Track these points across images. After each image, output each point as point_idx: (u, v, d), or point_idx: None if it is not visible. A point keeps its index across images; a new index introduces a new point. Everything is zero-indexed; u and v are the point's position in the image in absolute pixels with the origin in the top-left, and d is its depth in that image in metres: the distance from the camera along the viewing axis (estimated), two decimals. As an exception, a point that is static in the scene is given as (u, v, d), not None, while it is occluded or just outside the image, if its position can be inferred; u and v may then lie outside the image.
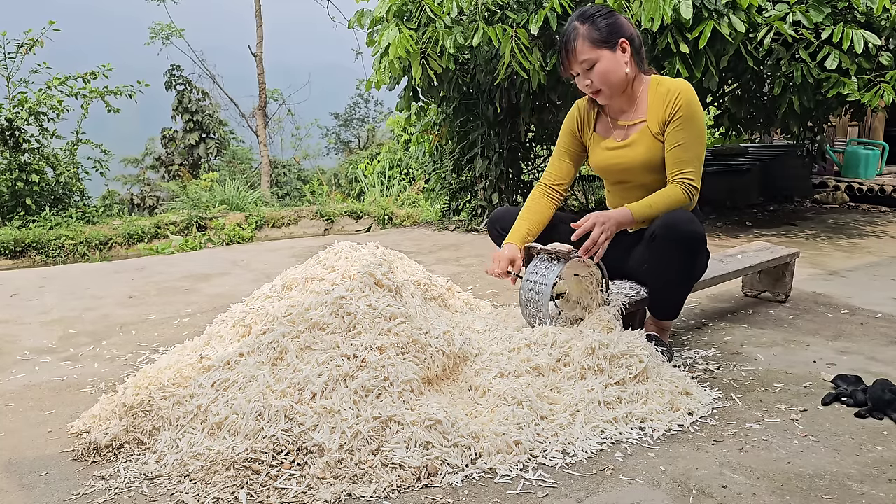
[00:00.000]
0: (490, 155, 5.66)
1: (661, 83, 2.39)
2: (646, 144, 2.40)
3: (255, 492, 1.63)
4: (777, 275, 3.22)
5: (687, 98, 2.33)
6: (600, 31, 2.31)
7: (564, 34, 2.35)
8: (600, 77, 2.33)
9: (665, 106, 2.35)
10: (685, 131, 2.33)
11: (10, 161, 8.52)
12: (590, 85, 2.36)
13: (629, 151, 2.43)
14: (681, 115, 2.33)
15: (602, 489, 1.65)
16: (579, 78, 2.38)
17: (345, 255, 2.31)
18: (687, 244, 2.26)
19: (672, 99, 2.34)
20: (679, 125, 2.33)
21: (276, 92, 21.36)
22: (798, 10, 4.29)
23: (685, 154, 2.33)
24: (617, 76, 2.34)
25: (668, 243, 2.25)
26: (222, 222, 8.21)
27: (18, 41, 9.39)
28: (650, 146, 2.39)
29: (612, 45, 2.32)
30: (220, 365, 1.99)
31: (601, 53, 2.31)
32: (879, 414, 2.01)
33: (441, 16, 4.68)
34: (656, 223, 2.28)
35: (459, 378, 2.07)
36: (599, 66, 2.31)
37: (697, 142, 2.34)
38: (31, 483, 1.73)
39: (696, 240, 2.27)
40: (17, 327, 3.12)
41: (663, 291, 2.39)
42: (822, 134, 7.10)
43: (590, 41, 2.30)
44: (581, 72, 2.35)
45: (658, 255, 2.30)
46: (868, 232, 5.27)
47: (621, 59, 2.33)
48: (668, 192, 2.32)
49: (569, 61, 2.35)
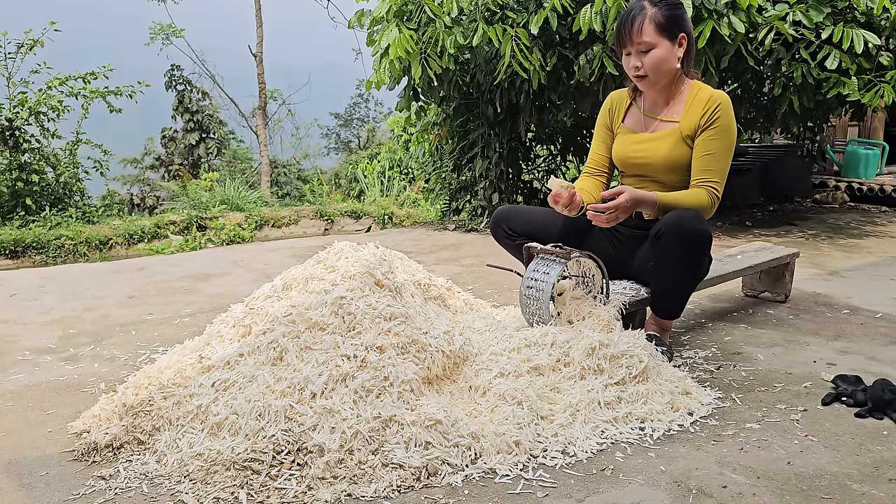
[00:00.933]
0: (490, 155, 5.66)
1: (702, 89, 2.40)
2: (672, 143, 2.39)
3: (255, 492, 1.63)
4: (777, 275, 3.22)
5: (725, 110, 2.34)
6: (667, 19, 2.29)
7: (630, 10, 2.32)
8: (653, 63, 2.31)
9: (703, 113, 2.35)
10: (718, 142, 2.33)
11: (10, 161, 8.53)
12: (639, 68, 2.33)
13: (654, 146, 2.43)
14: (717, 126, 2.33)
15: (602, 489, 1.65)
16: (630, 58, 2.35)
17: (345, 255, 2.31)
18: (693, 242, 2.25)
19: (712, 107, 2.34)
20: (714, 135, 2.33)
21: (275, 92, 21.37)
22: (798, 10, 4.29)
23: (714, 164, 2.34)
24: (668, 67, 2.33)
25: (674, 240, 2.24)
26: (222, 222, 8.21)
27: (19, 41, 9.40)
28: (675, 146, 2.39)
29: (673, 36, 2.31)
30: (220, 365, 1.99)
31: (661, 41, 2.30)
32: (879, 414, 2.01)
33: (441, 16, 4.68)
34: (663, 221, 2.28)
35: (459, 378, 2.07)
36: (656, 52, 2.30)
37: (726, 155, 2.36)
38: (31, 483, 1.73)
39: (703, 238, 2.26)
40: (17, 327, 3.12)
41: (667, 290, 2.39)
42: (822, 134, 7.10)
43: (655, 25, 2.28)
44: (635, 52, 2.33)
45: (664, 252, 2.29)
46: (868, 232, 5.27)
47: (676, 52, 2.33)
48: (695, 193, 2.33)
49: (629, 38, 2.31)
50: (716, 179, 2.34)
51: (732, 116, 2.36)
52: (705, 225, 2.27)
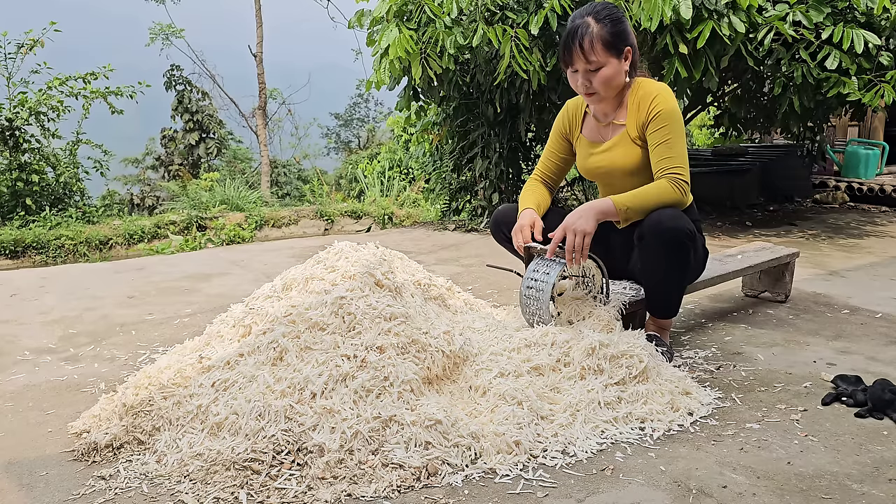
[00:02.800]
0: (490, 155, 5.66)
1: (640, 87, 2.38)
2: (624, 149, 2.41)
3: (255, 492, 1.63)
4: (777, 275, 3.22)
5: (663, 98, 2.32)
6: (613, 36, 2.28)
7: (575, 28, 2.28)
8: (602, 82, 2.30)
9: (642, 110, 2.35)
10: (667, 128, 2.30)
11: (11, 161, 8.53)
12: (588, 86, 2.32)
13: (609, 155, 2.44)
14: (658, 114, 2.30)
15: (602, 489, 1.65)
16: (577, 75, 2.33)
17: (345, 255, 2.31)
18: (674, 240, 2.23)
19: (648, 102, 2.33)
20: (659, 124, 2.30)
21: (275, 92, 21.37)
22: (798, 10, 4.29)
23: (669, 150, 2.29)
24: (617, 83, 2.33)
25: (655, 242, 2.24)
26: (222, 222, 8.21)
27: (19, 41, 9.40)
28: (628, 151, 2.40)
29: (619, 52, 2.30)
30: (220, 365, 1.99)
31: (609, 59, 2.28)
32: (879, 414, 2.01)
33: (441, 16, 4.68)
34: (643, 223, 2.27)
35: (459, 378, 2.07)
36: (605, 70, 2.29)
37: (679, 140, 2.31)
38: (31, 483, 1.73)
39: (683, 235, 2.22)
40: (17, 327, 3.12)
41: (657, 291, 2.39)
42: (822, 134, 7.10)
43: (602, 43, 2.27)
44: (583, 71, 2.31)
45: (647, 254, 2.30)
46: (868, 232, 5.27)
47: (623, 67, 2.32)
48: (655, 185, 2.28)
49: (576, 57, 2.29)
50: (676, 164, 2.28)
51: (674, 103, 2.33)
52: (685, 222, 2.24)
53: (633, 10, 4.13)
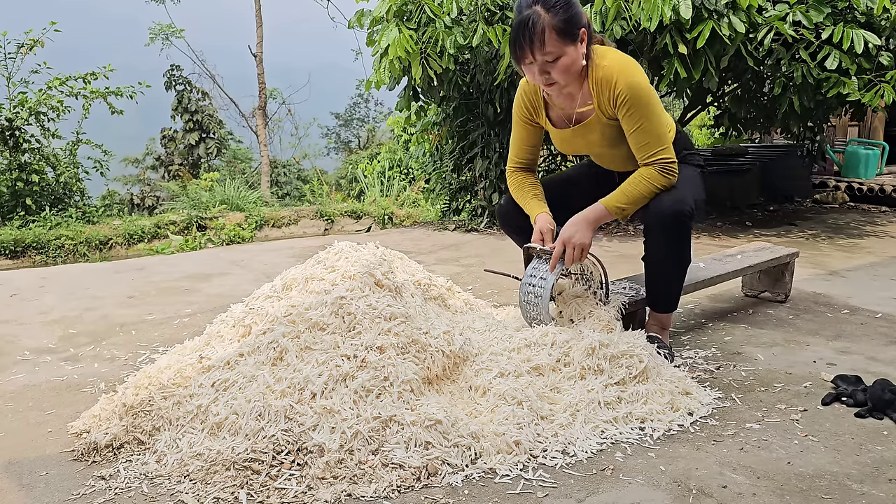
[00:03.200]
0: (490, 155, 5.66)
1: (597, 67, 2.23)
2: (600, 128, 2.32)
3: (255, 492, 1.63)
4: (777, 275, 3.22)
5: (626, 82, 2.19)
6: (566, 23, 2.13)
7: (525, 20, 2.12)
8: (562, 71, 2.17)
9: (604, 95, 2.24)
10: (635, 113, 2.21)
11: (11, 161, 8.53)
12: (547, 78, 2.19)
13: (587, 135, 2.37)
14: (624, 100, 2.20)
15: (602, 489, 1.65)
16: (533, 67, 2.17)
17: (345, 255, 2.31)
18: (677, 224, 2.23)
19: (610, 88, 2.22)
20: (627, 111, 2.21)
21: (275, 92, 21.37)
22: (798, 10, 4.29)
23: (645, 136, 2.23)
24: (576, 69, 2.20)
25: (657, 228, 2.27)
26: (222, 222, 8.21)
27: (19, 41, 9.40)
28: (605, 128, 2.31)
29: (574, 38, 2.16)
30: (220, 365, 1.99)
31: (565, 48, 2.15)
32: (879, 414, 2.01)
33: (441, 16, 4.68)
34: (647, 215, 2.28)
35: (459, 378, 2.07)
36: (563, 60, 2.15)
37: (651, 119, 2.22)
38: (31, 483, 1.73)
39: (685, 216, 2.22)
40: (17, 327, 3.12)
41: (662, 282, 2.40)
42: (822, 134, 7.10)
43: (557, 33, 2.12)
44: (540, 63, 2.16)
45: (655, 244, 2.31)
46: (868, 232, 5.27)
47: (581, 50, 2.19)
48: (640, 175, 2.24)
49: (530, 51, 2.13)
50: (656, 148, 2.23)
51: (633, 78, 2.19)
52: (684, 204, 2.22)
53: (632, 10, 4.13)
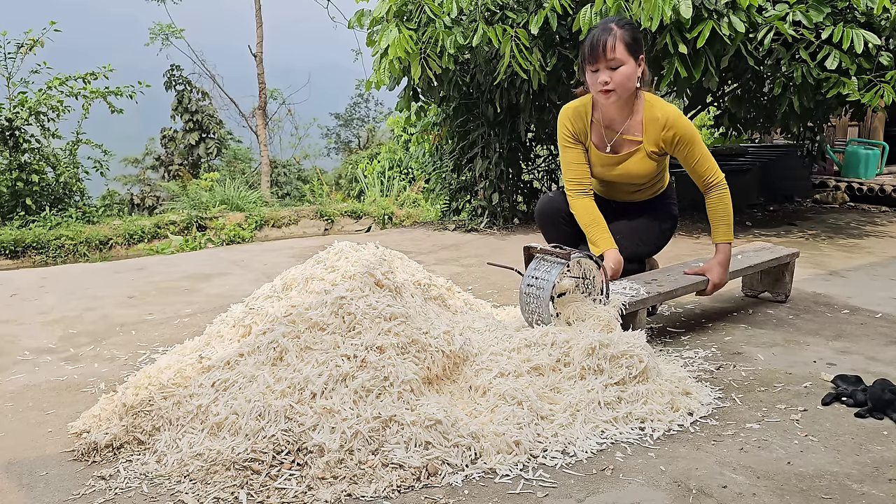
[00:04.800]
0: (490, 155, 5.65)
1: (653, 107, 2.64)
2: (639, 160, 2.69)
3: (255, 492, 1.63)
4: (777, 275, 3.22)
5: (680, 123, 2.63)
6: (633, 40, 2.54)
7: (599, 31, 2.54)
8: (621, 79, 2.52)
9: (661, 133, 2.64)
10: (693, 149, 2.66)
11: (10, 161, 8.52)
12: (608, 83, 2.52)
13: (626, 166, 2.72)
14: (680, 139, 2.64)
15: (602, 489, 1.65)
16: (598, 74, 2.53)
17: (345, 255, 2.31)
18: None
19: (664, 126, 2.62)
20: (686, 147, 2.65)
21: (275, 92, 21.36)
22: (798, 10, 4.29)
23: (705, 164, 2.69)
24: (631, 85, 2.56)
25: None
26: (222, 222, 8.21)
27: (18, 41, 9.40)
28: (642, 162, 2.70)
29: (636, 56, 2.56)
30: (220, 365, 1.99)
31: (628, 59, 2.53)
32: (879, 414, 2.01)
33: (441, 16, 4.68)
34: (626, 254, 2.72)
35: (459, 378, 2.07)
36: (624, 69, 2.52)
37: (705, 151, 2.69)
38: (31, 483, 1.73)
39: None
40: (17, 327, 3.12)
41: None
42: (822, 134, 7.09)
43: (625, 44, 2.52)
44: (604, 68, 2.52)
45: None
46: (868, 232, 5.27)
47: (637, 72, 2.57)
48: (721, 200, 2.71)
49: (601, 55, 2.51)
50: (713, 171, 2.70)
51: (685, 120, 2.66)
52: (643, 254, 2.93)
53: (633, 10, 4.12)
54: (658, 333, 2.79)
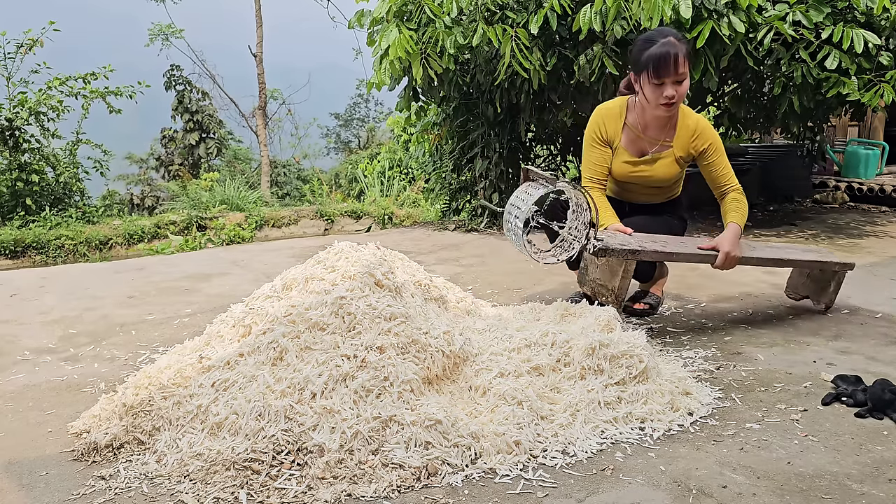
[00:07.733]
0: (490, 155, 5.66)
1: (686, 115, 2.82)
2: (668, 164, 2.85)
3: (255, 492, 1.63)
4: (824, 282, 3.01)
5: (710, 133, 2.82)
6: (689, 54, 2.66)
7: (667, 45, 2.61)
8: (683, 92, 2.67)
9: (691, 140, 2.81)
10: (719, 157, 2.85)
11: (10, 161, 8.53)
12: (673, 97, 2.65)
13: (653, 169, 2.86)
14: (709, 145, 2.83)
15: (602, 489, 1.65)
16: (664, 87, 2.63)
17: (345, 255, 2.31)
18: None
19: (696, 133, 2.81)
20: (713, 154, 2.84)
21: (275, 92, 21.35)
22: (798, 10, 4.29)
23: (727, 171, 2.87)
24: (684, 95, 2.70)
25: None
26: (222, 222, 8.21)
27: (18, 41, 9.40)
28: (670, 166, 2.85)
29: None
30: (220, 365, 1.99)
31: (688, 73, 2.68)
32: (879, 414, 2.01)
33: (441, 16, 4.68)
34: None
35: (459, 378, 2.07)
36: (686, 82, 2.68)
37: (727, 159, 2.89)
38: (31, 483, 1.73)
39: None
40: (17, 327, 3.12)
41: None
42: (822, 134, 7.09)
43: (687, 59, 2.64)
44: (671, 83, 2.63)
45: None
46: (868, 232, 5.27)
47: None
48: (733, 199, 2.84)
49: (671, 70, 2.61)
50: (733, 177, 2.89)
51: (712, 128, 2.84)
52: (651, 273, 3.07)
53: (633, 10, 4.13)
54: (658, 333, 2.79)
